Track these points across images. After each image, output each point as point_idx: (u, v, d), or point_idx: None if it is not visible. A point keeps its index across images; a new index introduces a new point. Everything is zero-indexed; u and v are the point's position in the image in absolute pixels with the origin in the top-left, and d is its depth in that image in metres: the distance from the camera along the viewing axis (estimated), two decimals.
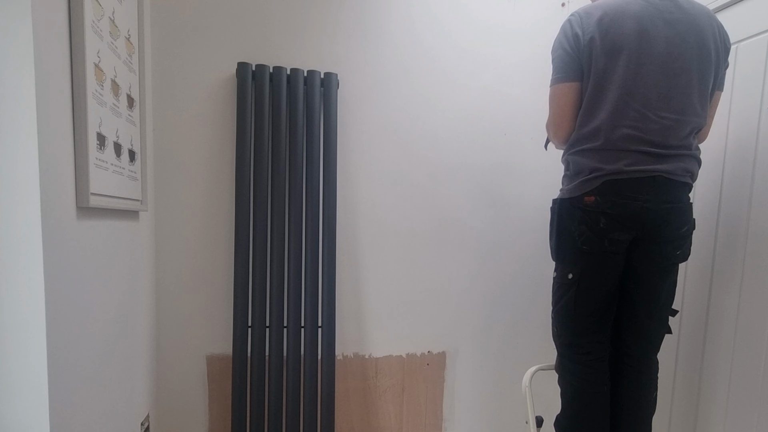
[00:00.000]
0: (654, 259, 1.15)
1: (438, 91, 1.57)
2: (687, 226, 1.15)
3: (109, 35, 0.98)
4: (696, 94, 1.09)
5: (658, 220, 1.10)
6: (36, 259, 0.74)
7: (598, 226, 1.11)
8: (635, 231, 1.11)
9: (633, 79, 1.07)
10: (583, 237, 1.13)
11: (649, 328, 1.21)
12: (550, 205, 1.23)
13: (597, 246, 1.12)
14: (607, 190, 1.09)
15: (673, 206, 1.11)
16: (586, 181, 1.11)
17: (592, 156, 1.11)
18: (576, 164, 1.15)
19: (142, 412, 1.30)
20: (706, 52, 1.09)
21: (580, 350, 1.21)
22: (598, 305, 1.17)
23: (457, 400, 1.70)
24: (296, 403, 1.44)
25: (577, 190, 1.13)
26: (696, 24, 1.08)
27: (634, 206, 1.08)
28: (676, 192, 1.11)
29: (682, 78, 1.07)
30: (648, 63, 1.06)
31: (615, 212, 1.09)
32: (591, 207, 1.11)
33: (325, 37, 1.48)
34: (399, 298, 1.62)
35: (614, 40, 1.06)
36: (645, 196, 1.08)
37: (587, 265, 1.15)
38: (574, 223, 1.14)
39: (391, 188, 1.58)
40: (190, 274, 1.45)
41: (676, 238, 1.14)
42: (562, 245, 1.19)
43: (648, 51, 1.06)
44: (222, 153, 1.44)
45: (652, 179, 1.08)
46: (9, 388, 0.75)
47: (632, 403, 1.24)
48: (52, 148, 0.78)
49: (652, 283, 1.17)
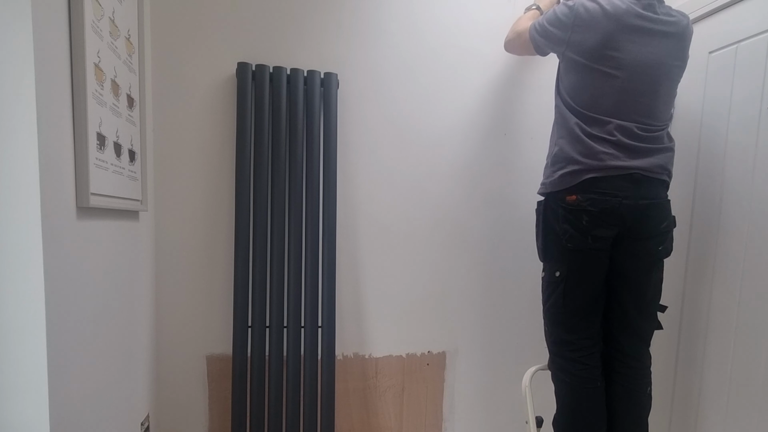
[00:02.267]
0: (637, 255, 1.20)
1: (438, 91, 1.57)
2: (667, 221, 1.20)
3: (109, 35, 0.98)
4: (663, 99, 1.18)
5: (638, 215, 1.15)
6: (36, 259, 0.74)
7: (581, 224, 1.16)
8: (617, 227, 1.16)
9: (610, 75, 1.14)
10: (568, 235, 1.18)
11: (639, 324, 1.24)
12: (535, 208, 1.30)
13: (581, 243, 1.17)
14: (587, 188, 1.15)
15: (651, 202, 1.16)
16: (566, 174, 1.17)
17: (575, 146, 1.18)
18: (560, 151, 1.21)
19: (142, 412, 1.30)
20: (679, 62, 1.19)
21: (571, 347, 1.24)
22: (586, 302, 1.21)
23: (457, 400, 1.70)
24: (296, 403, 1.44)
25: (558, 184, 1.20)
26: (677, 33, 1.16)
27: (613, 202, 1.13)
28: (654, 189, 1.17)
29: (655, 83, 1.15)
30: (627, 65, 1.13)
31: (596, 209, 1.14)
32: (573, 205, 1.17)
33: (325, 37, 1.48)
34: (399, 298, 1.62)
35: (602, 38, 1.12)
36: (623, 193, 1.14)
37: (573, 262, 1.19)
38: (558, 222, 1.20)
39: (391, 188, 1.58)
40: (190, 274, 1.45)
41: (657, 234, 1.19)
42: (548, 244, 1.25)
43: (629, 53, 1.12)
44: (222, 153, 1.44)
45: (629, 176, 1.14)
46: (9, 388, 0.75)
47: (627, 400, 1.26)
48: (52, 148, 0.78)
49: (638, 279, 1.21)
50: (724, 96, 1.30)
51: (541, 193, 1.30)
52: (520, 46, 1.42)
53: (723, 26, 1.32)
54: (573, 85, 1.20)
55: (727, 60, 1.30)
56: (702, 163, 1.39)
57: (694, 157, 1.41)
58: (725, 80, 1.30)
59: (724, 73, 1.31)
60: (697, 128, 1.40)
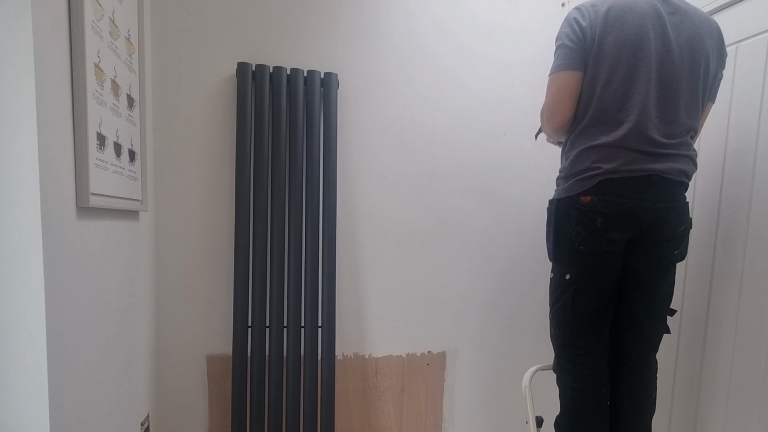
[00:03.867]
0: (652, 258, 1.15)
1: (438, 91, 1.57)
2: (684, 225, 1.15)
3: (109, 35, 0.98)
4: (683, 99, 1.09)
5: (655, 219, 1.10)
6: (36, 259, 0.74)
7: (594, 226, 1.10)
8: (632, 231, 1.11)
9: (631, 78, 1.07)
10: (580, 237, 1.12)
11: (648, 329, 1.20)
12: (547, 206, 1.24)
13: (594, 246, 1.12)
14: (604, 190, 1.09)
15: (670, 205, 1.11)
16: (582, 179, 1.11)
17: (590, 154, 1.11)
18: (573, 162, 1.14)
19: (142, 412, 1.29)
20: (698, 59, 1.09)
21: (578, 351, 1.20)
22: (596, 306, 1.16)
23: (457, 400, 1.70)
24: (296, 403, 1.44)
25: (573, 189, 1.13)
26: (695, 31, 1.09)
27: (631, 205, 1.08)
28: (673, 191, 1.12)
29: (673, 81, 1.08)
30: (644, 65, 1.06)
31: (612, 212, 1.09)
32: (587, 207, 1.11)
33: (325, 37, 1.48)
34: (399, 298, 1.62)
35: (617, 37, 1.06)
36: (641, 195, 1.08)
37: (585, 265, 1.14)
38: (570, 224, 1.14)
39: (391, 188, 1.58)
40: (190, 274, 1.45)
41: (674, 238, 1.14)
42: (560, 246, 1.18)
43: (646, 51, 1.06)
44: (222, 153, 1.44)
45: (648, 178, 1.08)
46: (9, 388, 0.75)
47: (631, 405, 1.23)
48: (52, 147, 0.78)
49: (650, 283, 1.17)
50: (724, 96, 1.30)
51: (557, 197, 1.22)
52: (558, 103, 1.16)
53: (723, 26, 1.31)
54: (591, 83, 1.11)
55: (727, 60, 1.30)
56: (701, 162, 1.38)
57: None
58: (725, 80, 1.30)
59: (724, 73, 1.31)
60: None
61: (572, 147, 1.16)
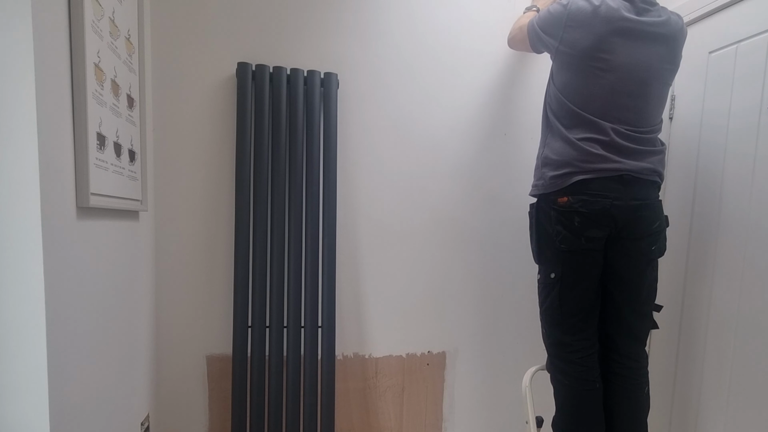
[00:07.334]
0: (631, 255, 1.20)
1: (438, 91, 1.57)
2: (659, 221, 1.21)
3: (109, 35, 0.98)
4: (653, 102, 1.18)
5: (629, 216, 1.16)
6: (36, 259, 0.74)
7: (573, 225, 1.17)
8: (608, 228, 1.17)
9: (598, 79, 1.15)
10: (561, 236, 1.19)
11: (634, 324, 1.25)
12: (528, 210, 1.31)
13: (575, 244, 1.18)
14: (578, 190, 1.16)
15: (642, 203, 1.17)
16: (557, 177, 1.19)
17: (564, 147, 1.19)
18: (550, 153, 1.23)
19: (142, 412, 1.30)
20: (670, 65, 1.18)
21: (569, 348, 1.24)
22: (582, 302, 1.22)
23: (457, 400, 1.70)
24: (296, 403, 1.44)
25: (549, 186, 1.21)
26: (670, 36, 1.16)
27: (604, 203, 1.15)
28: (645, 190, 1.18)
29: (645, 86, 1.15)
30: (617, 67, 1.13)
31: (587, 210, 1.15)
32: (565, 207, 1.18)
33: (325, 37, 1.48)
34: (399, 297, 1.62)
35: (594, 39, 1.13)
36: (614, 194, 1.14)
37: (568, 263, 1.20)
38: (550, 224, 1.21)
39: (391, 188, 1.58)
40: (190, 274, 1.45)
41: (649, 234, 1.20)
42: (542, 246, 1.26)
43: (620, 55, 1.13)
44: (222, 153, 1.44)
45: (619, 177, 1.15)
46: (9, 388, 0.75)
47: (626, 400, 1.26)
48: (52, 148, 0.78)
49: (632, 279, 1.22)
50: (724, 96, 1.30)
51: (532, 194, 1.31)
52: (521, 42, 1.42)
53: (723, 26, 1.32)
54: (564, 84, 1.21)
55: (727, 60, 1.30)
56: (702, 162, 1.39)
57: (694, 157, 1.41)
58: (725, 80, 1.30)
59: (724, 73, 1.31)
60: (697, 128, 1.40)
61: (547, 146, 1.24)
